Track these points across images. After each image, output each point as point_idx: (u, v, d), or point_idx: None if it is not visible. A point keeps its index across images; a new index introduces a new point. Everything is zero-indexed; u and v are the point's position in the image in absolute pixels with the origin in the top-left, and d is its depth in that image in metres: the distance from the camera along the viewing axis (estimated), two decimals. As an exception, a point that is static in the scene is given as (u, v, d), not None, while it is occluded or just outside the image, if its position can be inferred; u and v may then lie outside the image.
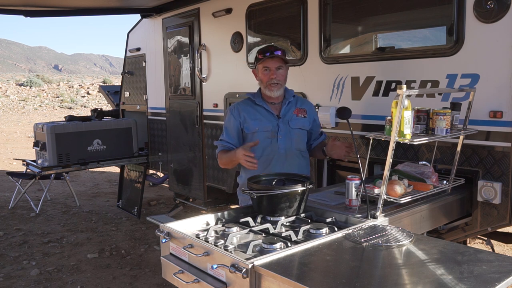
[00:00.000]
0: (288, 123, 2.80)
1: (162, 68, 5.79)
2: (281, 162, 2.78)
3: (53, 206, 7.13)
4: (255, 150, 2.75)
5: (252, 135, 2.79)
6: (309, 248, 1.84)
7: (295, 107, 2.85)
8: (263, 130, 2.78)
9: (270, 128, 2.78)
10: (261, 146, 2.77)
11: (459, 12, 2.76)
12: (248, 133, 2.81)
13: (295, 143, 2.82)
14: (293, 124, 2.81)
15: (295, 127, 2.81)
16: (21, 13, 5.76)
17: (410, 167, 2.61)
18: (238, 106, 2.88)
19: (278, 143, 2.78)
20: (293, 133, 2.81)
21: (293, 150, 2.81)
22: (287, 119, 2.81)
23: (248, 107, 2.85)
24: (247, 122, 2.80)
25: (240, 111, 2.84)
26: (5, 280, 4.43)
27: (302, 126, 2.84)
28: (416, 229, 2.39)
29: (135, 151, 6.46)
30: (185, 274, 1.89)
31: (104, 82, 40.50)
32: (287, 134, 2.79)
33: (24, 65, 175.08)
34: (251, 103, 2.86)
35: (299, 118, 2.83)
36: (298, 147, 2.84)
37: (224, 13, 4.63)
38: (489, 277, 1.58)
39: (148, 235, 5.62)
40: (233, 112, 2.86)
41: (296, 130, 2.82)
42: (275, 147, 2.79)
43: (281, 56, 2.73)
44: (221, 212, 2.30)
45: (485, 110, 2.68)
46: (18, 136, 16.36)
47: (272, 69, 2.73)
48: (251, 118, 2.80)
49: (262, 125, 2.78)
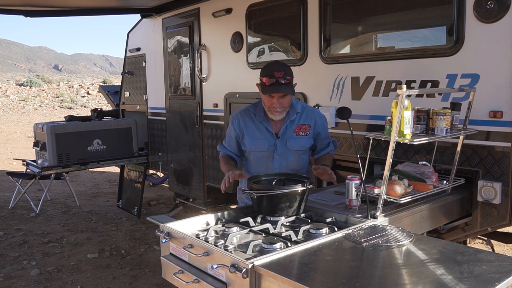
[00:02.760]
0: (286, 143, 2.72)
1: (162, 68, 5.79)
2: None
3: (53, 206, 7.13)
4: (249, 165, 2.81)
5: (248, 153, 2.81)
6: (309, 248, 1.84)
7: (297, 124, 2.73)
8: (258, 150, 2.75)
9: (267, 147, 2.73)
10: (256, 163, 2.78)
11: (459, 12, 2.76)
12: (245, 150, 2.81)
13: (291, 164, 2.74)
14: (291, 145, 2.72)
15: (292, 148, 2.72)
16: (21, 13, 5.76)
17: (410, 167, 2.61)
18: (239, 117, 2.82)
19: (273, 163, 2.73)
20: (290, 154, 2.73)
21: (288, 171, 2.70)
22: (286, 138, 2.72)
23: (249, 121, 2.78)
24: (245, 137, 2.78)
25: (240, 122, 2.80)
26: (5, 280, 4.43)
27: (301, 147, 2.74)
28: (416, 229, 2.39)
29: (135, 151, 6.46)
30: (185, 274, 1.90)
31: (104, 82, 40.50)
32: (284, 154, 2.73)
33: (24, 65, 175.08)
34: (252, 116, 2.78)
35: (299, 138, 2.73)
36: (294, 167, 2.74)
37: (224, 13, 4.63)
38: (489, 277, 1.58)
39: (148, 235, 5.62)
40: (234, 123, 2.83)
41: (293, 151, 2.74)
42: (270, 166, 2.73)
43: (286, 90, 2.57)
44: (221, 212, 2.30)
45: (485, 110, 2.68)
46: (18, 136, 16.36)
47: (275, 98, 2.60)
48: (249, 135, 2.76)
49: (259, 144, 2.73)
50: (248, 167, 2.83)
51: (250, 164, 2.81)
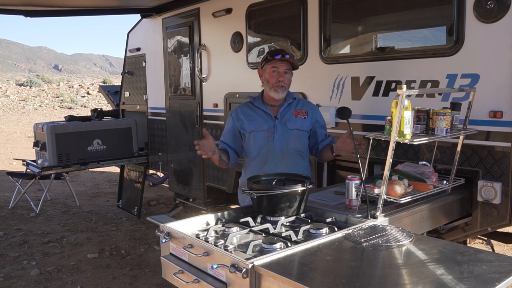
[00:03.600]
0: (286, 124, 2.83)
1: (162, 68, 5.79)
2: (276, 161, 2.80)
3: (53, 206, 7.13)
4: (251, 150, 2.86)
5: (249, 135, 2.85)
6: (309, 248, 1.84)
7: (295, 109, 2.87)
8: (259, 130, 2.83)
9: (266, 128, 2.82)
10: (258, 146, 2.83)
11: (459, 12, 2.76)
12: (245, 133, 2.86)
13: (292, 143, 2.83)
14: (290, 125, 2.83)
15: (292, 127, 2.83)
16: (21, 13, 5.75)
17: (410, 167, 2.61)
18: (238, 109, 2.95)
19: (274, 142, 2.81)
20: (290, 133, 2.83)
21: (290, 150, 2.82)
22: (285, 120, 2.83)
23: (247, 109, 2.92)
24: (244, 123, 2.86)
25: (239, 113, 2.91)
26: (5, 280, 4.43)
27: (300, 126, 2.85)
28: (416, 229, 2.39)
29: (135, 151, 6.46)
30: (185, 274, 1.89)
31: (104, 82, 40.50)
32: (284, 134, 2.82)
33: (24, 65, 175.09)
34: (251, 105, 2.92)
35: (297, 119, 2.85)
36: (295, 147, 2.84)
37: (224, 13, 4.63)
38: (489, 277, 1.58)
39: (148, 235, 5.62)
40: (232, 114, 2.95)
41: (294, 130, 2.83)
42: (271, 147, 2.82)
43: (291, 60, 2.77)
44: (221, 212, 2.30)
45: (485, 110, 2.68)
46: (18, 136, 16.36)
47: (280, 71, 2.76)
48: (248, 119, 2.87)
49: (258, 124, 2.83)
50: (250, 151, 2.87)
51: (251, 147, 2.85)
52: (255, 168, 2.80)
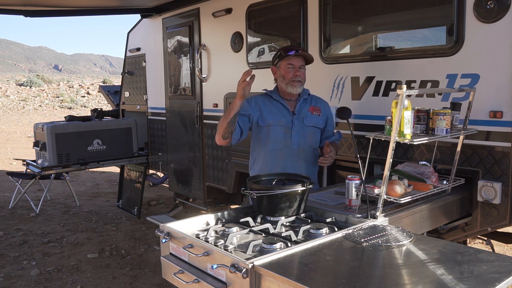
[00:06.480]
0: (303, 120, 2.90)
1: (162, 68, 5.79)
2: (292, 158, 2.87)
3: (53, 206, 7.13)
4: (268, 143, 2.87)
5: (267, 128, 2.88)
6: (309, 248, 1.84)
7: (310, 105, 2.95)
8: (277, 124, 2.87)
9: (284, 123, 2.87)
10: (275, 140, 2.87)
11: (459, 12, 2.76)
12: (263, 126, 2.88)
13: (308, 140, 2.91)
14: (307, 122, 2.91)
15: (309, 124, 2.91)
16: (21, 13, 5.75)
17: (410, 167, 2.61)
18: (257, 98, 2.96)
19: (292, 138, 2.87)
20: (307, 130, 2.90)
21: (306, 147, 2.91)
22: (302, 116, 2.90)
23: (265, 100, 2.95)
24: (262, 114, 2.88)
25: (257, 101, 2.92)
26: (5, 280, 4.43)
27: (316, 124, 2.94)
28: (416, 229, 2.39)
29: (135, 151, 6.46)
30: (185, 274, 1.90)
31: (104, 82, 40.50)
32: (301, 130, 2.89)
33: (24, 65, 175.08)
34: (268, 97, 2.95)
35: (313, 116, 2.93)
36: (310, 144, 2.93)
37: (224, 13, 4.63)
38: (489, 277, 1.58)
39: (148, 235, 5.62)
40: (250, 102, 2.90)
41: (310, 127, 2.91)
42: (288, 143, 2.87)
43: (306, 54, 2.87)
44: (221, 212, 2.30)
45: (485, 110, 2.68)
46: (18, 136, 16.36)
47: (296, 66, 2.83)
48: (266, 111, 2.89)
49: (277, 118, 2.87)
50: (267, 144, 2.88)
51: (269, 141, 2.88)
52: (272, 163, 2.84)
